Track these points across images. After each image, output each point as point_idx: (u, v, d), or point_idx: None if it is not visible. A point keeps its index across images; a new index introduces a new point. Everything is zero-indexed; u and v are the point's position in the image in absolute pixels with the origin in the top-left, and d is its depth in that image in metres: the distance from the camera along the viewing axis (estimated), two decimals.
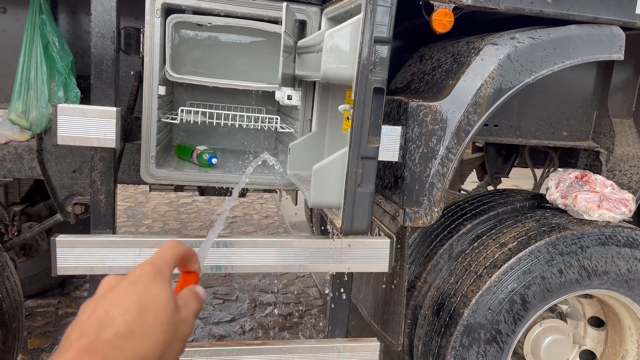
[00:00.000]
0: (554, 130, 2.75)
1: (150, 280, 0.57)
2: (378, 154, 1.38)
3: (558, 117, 2.72)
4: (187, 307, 0.60)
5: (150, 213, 6.30)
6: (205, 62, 2.25)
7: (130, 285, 0.56)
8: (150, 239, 1.71)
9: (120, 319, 0.52)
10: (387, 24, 1.29)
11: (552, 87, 2.69)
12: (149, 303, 0.54)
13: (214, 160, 1.92)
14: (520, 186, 6.94)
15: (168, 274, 0.60)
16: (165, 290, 0.57)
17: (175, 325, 0.56)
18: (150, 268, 0.58)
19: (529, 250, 2.04)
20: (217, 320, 3.80)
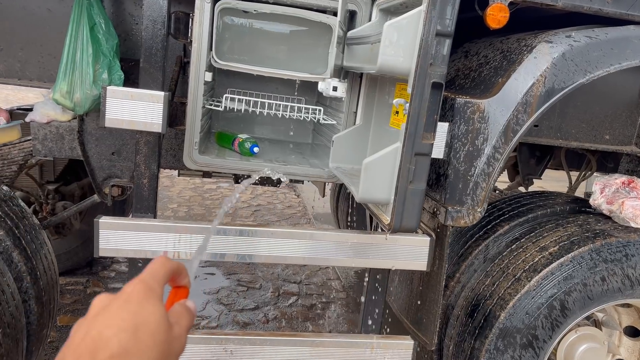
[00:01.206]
0: (595, 133, 2.68)
1: (143, 299, 0.56)
2: (432, 151, 1.34)
3: (601, 120, 2.64)
4: (179, 325, 0.60)
5: (176, 197, 6.36)
6: (248, 49, 2.23)
7: (123, 305, 0.55)
8: (191, 225, 1.71)
9: (115, 339, 0.52)
10: (450, 17, 1.26)
11: (598, 88, 2.62)
12: (143, 322, 0.54)
13: (256, 149, 1.90)
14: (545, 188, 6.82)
15: (160, 291, 0.60)
16: (159, 308, 0.57)
17: (169, 343, 0.56)
18: (142, 286, 0.58)
19: (571, 255, 1.99)
20: (241, 307, 3.82)
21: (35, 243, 2.10)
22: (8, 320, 1.81)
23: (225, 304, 3.83)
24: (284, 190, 7.24)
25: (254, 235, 1.73)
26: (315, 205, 6.66)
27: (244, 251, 1.76)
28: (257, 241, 1.75)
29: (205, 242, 0.84)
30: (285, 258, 1.72)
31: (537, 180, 4.17)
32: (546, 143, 2.71)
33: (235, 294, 4.03)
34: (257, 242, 1.75)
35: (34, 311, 2.00)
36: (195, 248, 1.73)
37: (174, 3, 1.76)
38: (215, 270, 4.38)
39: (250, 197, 6.74)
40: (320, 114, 1.94)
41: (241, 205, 6.31)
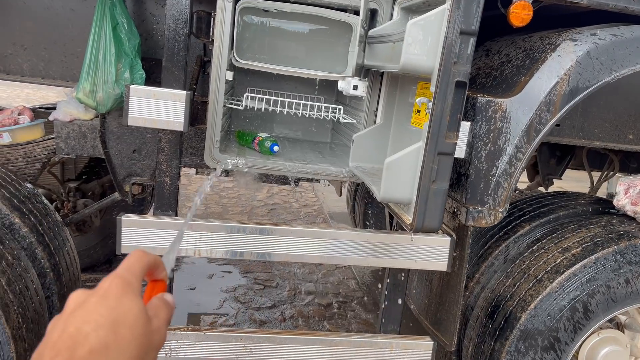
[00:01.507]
0: (619, 133, 2.63)
1: (120, 294, 0.56)
2: (455, 150, 1.33)
3: (625, 119, 2.60)
4: (158, 318, 0.59)
5: (193, 196, 6.40)
6: (267, 48, 2.24)
7: (101, 300, 0.55)
8: (212, 223, 1.72)
9: (94, 335, 0.51)
10: (475, 15, 1.24)
11: (622, 87, 2.57)
12: (121, 317, 0.54)
13: (276, 148, 1.91)
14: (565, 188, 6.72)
15: (137, 285, 0.59)
16: (137, 303, 0.56)
17: (149, 336, 0.56)
18: (119, 281, 0.57)
19: (594, 257, 1.96)
20: (257, 305, 3.83)
21: (58, 240, 2.13)
22: (32, 315, 1.84)
23: (242, 302, 3.85)
24: (300, 189, 7.25)
25: (273, 233, 1.73)
26: (331, 204, 6.66)
27: (262, 250, 1.76)
28: (275, 240, 1.75)
29: (180, 236, 0.84)
30: (304, 257, 1.72)
31: (557, 180, 4.12)
32: (568, 143, 2.67)
33: (252, 292, 4.05)
34: (275, 241, 1.76)
35: (57, 307, 2.03)
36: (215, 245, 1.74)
37: (196, 2, 1.77)
38: (232, 269, 4.41)
39: (267, 195, 6.76)
40: (340, 112, 1.94)
41: (257, 204, 6.34)
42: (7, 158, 2.27)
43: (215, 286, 4.07)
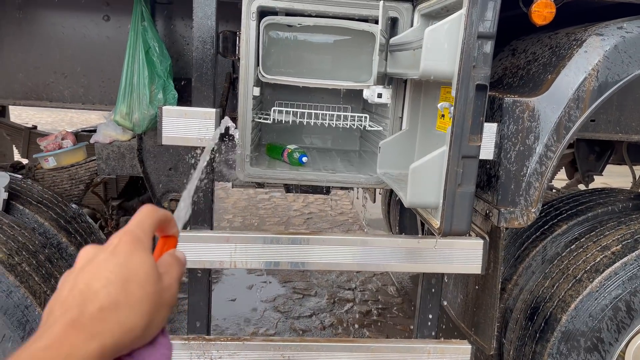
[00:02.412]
0: None
1: (130, 250, 0.54)
2: (479, 153, 1.34)
3: None
4: (169, 274, 0.57)
5: (231, 208, 6.53)
6: (293, 62, 2.29)
7: (110, 257, 0.53)
8: (246, 235, 1.77)
9: (104, 291, 0.50)
10: (492, 19, 1.25)
11: None
12: (132, 274, 0.52)
13: (305, 159, 1.95)
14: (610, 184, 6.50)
15: (147, 241, 0.57)
16: (147, 259, 0.55)
17: (160, 293, 0.54)
18: (128, 237, 0.56)
19: (635, 254, 1.91)
20: (297, 315, 3.87)
21: None
22: None
23: (282, 312, 3.90)
24: (335, 197, 7.28)
25: (306, 242, 1.77)
26: (367, 211, 6.66)
27: (297, 259, 1.80)
28: (308, 249, 1.79)
29: (192, 190, 0.82)
30: (337, 265, 1.75)
31: (600, 176, 4.00)
32: (605, 138, 2.62)
33: (291, 301, 4.09)
34: (308, 250, 1.80)
35: None
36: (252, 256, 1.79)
37: (222, 23, 1.84)
38: (271, 279, 4.47)
39: (302, 205, 6.83)
40: (366, 121, 1.97)
41: (293, 214, 6.41)
42: (53, 181, 2.40)
43: (255, 297, 4.14)
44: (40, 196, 2.19)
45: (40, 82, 2.41)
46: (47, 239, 2.04)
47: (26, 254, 1.79)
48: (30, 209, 2.07)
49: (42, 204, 2.16)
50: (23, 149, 3.36)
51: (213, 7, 1.68)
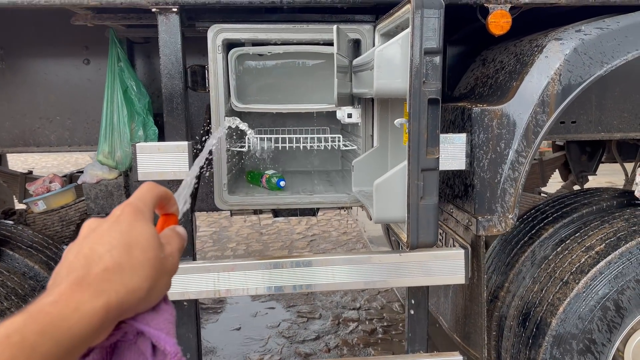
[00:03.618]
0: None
1: (132, 220, 0.56)
2: (439, 164, 1.36)
3: None
4: (170, 245, 0.60)
5: (234, 236, 6.55)
6: (270, 88, 2.34)
7: (113, 225, 0.56)
8: (227, 263, 1.80)
9: (108, 255, 0.52)
10: (436, 35, 1.29)
11: (634, 75, 2.53)
12: (134, 240, 0.55)
13: (282, 183, 1.98)
14: (615, 182, 6.47)
15: (149, 213, 0.59)
16: (149, 228, 0.57)
17: (162, 260, 0.56)
18: (131, 208, 0.58)
19: (619, 252, 1.90)
20: (302, 338, 3.86)
21: None
22: None
23: (286, 337, 3.88)
24: (338, 217, 7.29)
25: (304, 265, 1.77)
26: (370, 228, 6.65)
27: (298, 282, 1.80)
28: (306, 271, 1.80)
29: (195, 170, 0.84)
30: (319, 285, 1.76)
31: (596, 176, 4.00)
32: (587, 138, 2.63)
33: (296, 325, 4.08)
34: (306, 272, 1.81)
35: None
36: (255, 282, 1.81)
37: (189, 57, 1.90)
38: (275, 304, 4.46)
39: (306, 227, 6.84)
40: (340, 141, 2.00)
41: (297, 237, 6.42)
42: (44, 224, 2.45)
43: (260, 323, 4.13)
44: (30, 240, 2.23)
45: (27, 128, 2.48)
46: (38, 282, 2.07)
47: (15, 298, 1.83)
48: (20, 253, 2.11)
49: (33, 247, 2.20)
50: (20, 195, 3.43)
51: (179, 43, 1.74)
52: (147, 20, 1.88)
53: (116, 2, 1.68)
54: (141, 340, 0.56)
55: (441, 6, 1.29)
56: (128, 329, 0.55)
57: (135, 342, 0.56)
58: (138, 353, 0.56)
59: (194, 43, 2.18)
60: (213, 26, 1.81)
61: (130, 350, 0.56)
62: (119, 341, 0.56)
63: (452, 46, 2.52)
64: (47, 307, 0.47)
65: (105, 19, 1.92)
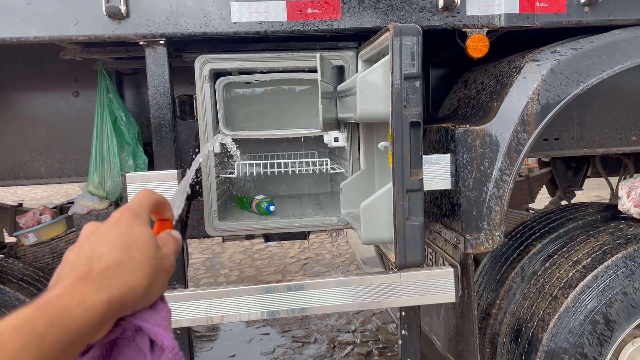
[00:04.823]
0: (621, 136, 2.63)
1: (131, 222, 0.59)
2: (423, 185, 1.39)
3: (624, 122, 2.60)
4: (166, 247, 0.63)
5: (227, 262, 6.52)
6: (257, 115, 2.38)
7: (113, 227, 0.59)
8: (220, 290, 1.80)
9: (108, 254, 0.55)
10: (415, 60, 1.34)
11: (612, 92, 2.60)
12: (133, 241, 0.57)
13: (272, 207, 2.00)
14: (603, 196, 6.54)
15: (146, 217, 0.63)
16: (147, 230, 0.60)
17: (159, 260, 0.59)
18: (129, 212, 0.61)
19: (605, 265, 1.93)
20: None
21: None
22: None
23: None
24: (330, 240, 7.29)
25: (296, 289, 1.77)
26: (363, 250, 6.66)
27: (292, 305, 1.80)
28: (298, 295, 1.80)
29: (189, 177, 0.87)
30: (310, 309, 1.77)
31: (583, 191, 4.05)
32: (570, 154, 2.68)
33: (291, 350, 4.05)
34: (298, 296, 1.81)
35: None
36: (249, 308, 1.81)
37: (177, 87, 1.93)
38: (270, 330, 4.43)
39: (299, 251, 6.82)
40: (327, 164, 2.04)
41: (290, 261, 6.40)
42: (35, 257, 2.44)
43: (254, 350, 4.09)
44: (21, 273, 2.23)
45: (17, 161, 2.49)
46: None
47: None
48: (11, 287, 2.10)
49: (24, 281, 2.19)
50: (10, 228, 3.41)
51: (166, 74, 1.77)
52: (135, 53, 1.92)
53: (104, 36, 1.72)
54: (139, 336, 0.58)
55: (419, 33, 1.34)
56: (127, 325, 0.57)
57: (133, 338, 0.58)
58: (136, 349, 0.58)
59: (182, 73, 2.22)
60: (200, 57, 1.86)
61: (129, 347, 0.58)
62: (118, 338, 0.58)
63: (435, 68, 2.59)
64: (54, 300, 0.50)
65: (94, 53, 1.96)
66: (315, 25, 1.76)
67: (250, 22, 1.74)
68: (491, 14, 1.86)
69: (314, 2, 1.71)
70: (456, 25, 1.88)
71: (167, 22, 1.73)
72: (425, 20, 1.83)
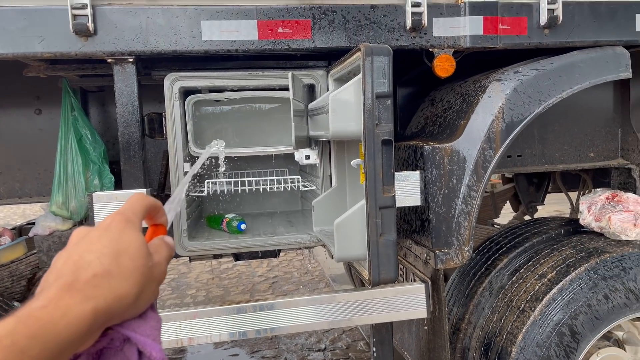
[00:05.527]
0: (580, 153, 2.73)
1: (122, 228, 0.58)
2: (395, 202, 1.41)
3: (582, 139, 2.70)
4: (158, 253, 0.61)
5: (194, 283, 6.39)
6: (228, 132, 2.37)
7: (103, 233, 0.57)
8: (189, 311, 1.76)
9: (97, 261, 0.53)
10: (386, 80, 1.36)
11: (571, 111, 2.70)
12: (123, 248, 0.56)
13: (243, 226, 1.98)
14: (563, 211, 6.75)
15: (138, 223, 0.61)
16: (138, 237, 0.58)
17: (150, 268, 0.58)
18: (120, 217, 0.59)
19: (569, 278, 1.99)
20: None
21: None
22: None
23: None
24: (299, 257, 7.25)
25: (261, 309, 1.75)
26: (332, 267, 6.65)
27: (255, 326, 1.78)
28: (264, 315, 1.78)
29: (185, 182, 0.85)
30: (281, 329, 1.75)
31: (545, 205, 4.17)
32: (533, 171, 2.76)
33: None
34: (264, 316, 1.79)
35: None
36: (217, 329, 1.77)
37: (146, 105, 1.91)
38: (239, 351, 4.35)
39: (267, 269, 6.76)
40: (299, 182, 2.04)
41: (258, 280, 6.33)
42: None
43: None
44: None
45: None
46: None
47: None
48: None
49: None
50: None
51: (135, 92, 1.75)
52: (102, 70, 1.89)
53: (70, 53, 1.69)
54: (127, 346, 0.56)
55: (389, 53, 1.37)
56: (115, 335, 0.56)
57: (121, 348, 0.56)
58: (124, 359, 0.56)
59: (151, 90, 2.19)
60: (169, 74, 1.84)
61: (117, 357, 0.56)
62: (105, 348, 0.56)
63: (403, 87, 2.64)
64: (37, 312, 0.48)
65: (59, 70, 1.92)
66: (286, 44, 1.77)
67: (221, 41, 1.74)
68: (457, 35, 1.92)
69: (284, 22, 1.73)
70: (424, 46, 1.93)
71: (136, 39, 1.71)
72: (393, 41, 1.87)
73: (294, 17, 1.76)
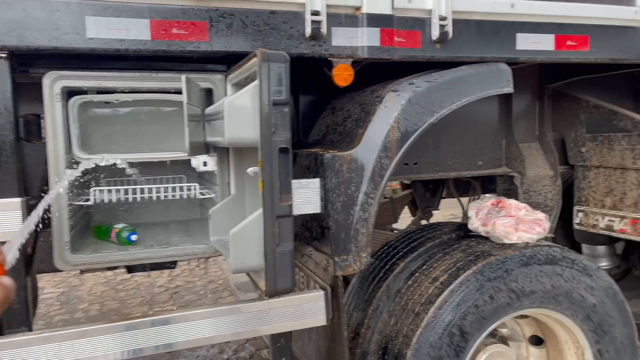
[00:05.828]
0: (470, 161, 2.89)
1: None
2: (292, 211, 1.39)
3: (472, 148, 2.86)
4: None
5: (86, 296, 5.96)
6: (119, 136, 2.22)
7: None
8: (71, 331, 1.62)
9: None
10: (283, 87, 1.35)
11: (461, 121, 2.85)
12: None
13: (134, 237, 1.87)
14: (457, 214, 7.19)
15: None
16: None
17: None
18: None
19: (459, 281, 2.09)
20: None
21: None
22: None
23: None
24: (202, 265, 7.04)
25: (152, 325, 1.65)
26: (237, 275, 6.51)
27: (151, 343, 1.67)
28: (161, 330, 1.67)
29: (28, 224, 0.83)
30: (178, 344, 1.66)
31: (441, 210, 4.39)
32: (428, 178, 2.88)
33: None
34: (161, 331, 1.68)
35: None
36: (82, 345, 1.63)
37: (23, 105, 1.73)
38: None
39: (168, 279, 6.48)
40: (196, 189, 1.96)
41: (158, 291, 6.04)
42: None
43: None
44: None
45: None
46: None
47: None
48: None
49: None
50: None
51: (8, 91, 1.58)
52: None
53: None
54: None
55: (286, 60, 1.36)
56: None
57: None
58: None
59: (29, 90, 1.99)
60: (50, 73, 1.69)
61: None
62: None
63: (305, 94, 2.65)
64: None
65: None
66: (182, 46, 1.70)
67: (109, 39, 1.63)
68: (355, 45, 1.96)
69: (179, 23, 1.66)
70: (323, 54, 1.94)
71: (10, 33, 1.55)
72: (293, 48, 1.86)
73: (189, 18, 1.69)
